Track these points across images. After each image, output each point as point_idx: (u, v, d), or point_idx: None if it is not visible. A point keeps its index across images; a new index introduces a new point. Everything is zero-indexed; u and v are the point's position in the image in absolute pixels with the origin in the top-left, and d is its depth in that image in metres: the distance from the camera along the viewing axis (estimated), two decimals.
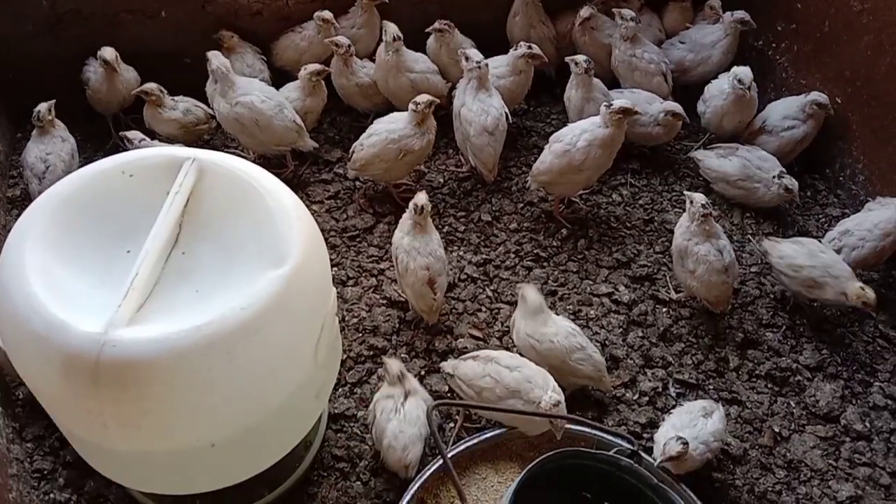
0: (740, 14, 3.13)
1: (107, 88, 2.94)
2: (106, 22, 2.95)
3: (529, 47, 2.98)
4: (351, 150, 2.84)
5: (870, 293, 2.40)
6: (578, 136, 2.67)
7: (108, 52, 2.88)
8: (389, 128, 2.77)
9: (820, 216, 3.04)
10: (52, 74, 2.97)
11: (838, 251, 2.63)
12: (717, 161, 2.96)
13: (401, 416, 2.09)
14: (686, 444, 1.96)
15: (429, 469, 2.06)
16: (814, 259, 2.51)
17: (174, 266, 1.62)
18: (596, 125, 2.67)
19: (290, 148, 2.90)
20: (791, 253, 2.55)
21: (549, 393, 2.00)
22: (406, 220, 2.44)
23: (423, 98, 2.73)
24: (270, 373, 1.56)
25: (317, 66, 2.93)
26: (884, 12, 2.73)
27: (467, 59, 2.84)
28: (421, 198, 2.40)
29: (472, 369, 2.20)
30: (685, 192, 2.55)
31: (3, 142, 2.97)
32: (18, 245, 1.54)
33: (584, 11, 3.19)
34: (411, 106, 2.73)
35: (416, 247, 2.40)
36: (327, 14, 3.07)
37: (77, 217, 1.63)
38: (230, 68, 2.78)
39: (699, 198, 2.47)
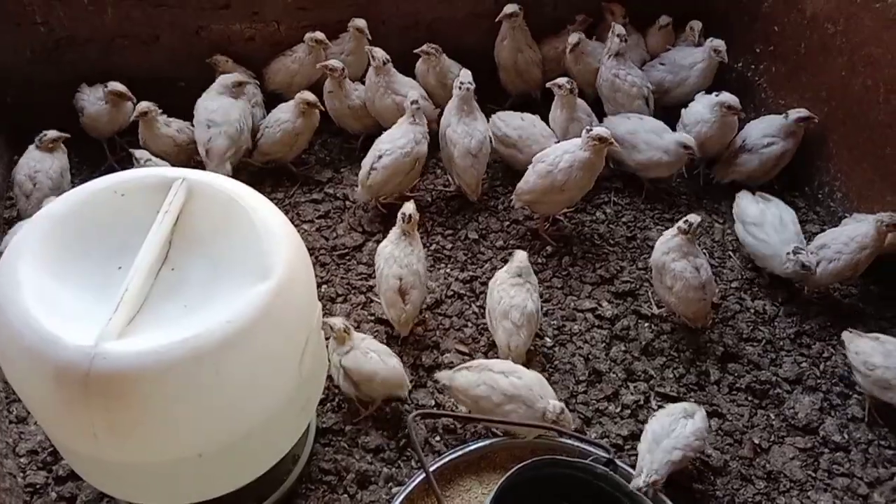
0: (717, 42, 3.21)
1: (106, 115, 3.02)
2: (101, 48, 3.04)
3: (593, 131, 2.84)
4: (362, 178, 2.91)
5: None
6: (560, 156, 2.75)
7: (117, 85, 2.96)
8: (397, 143, 2.87)
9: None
10: (49, 98, 3.05)
11: (816, 264, 2.69)
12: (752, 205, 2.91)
13: (373, 356, 2.27)
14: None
15: (413, 481, 2.11)
16: (890, 360, 2.35)
17: (164, 282, 1.68)
18: (577, 147, 2.74)
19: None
20: (868, 350, 2.41)
21: (552, 402, 2.07)
22: (395, 229, 2.52)
23: (413, 95, 2.88)
24: (256, 385, 1.62)
25: (310, 97, 2.98)
26: (856, 34, 2.82)
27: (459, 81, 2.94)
28: (408, 207, 2.49)
29: (468, 379, 2.25)
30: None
31: (1, 165, 3.03)
32: (13, 262, 1.61)
33: (573, 38, 3.24)
34: (406, 105, 2.87)
35: (395, 256, 2.48)
36: (319, 35, 3.15)
37: (70, 235, 1.69)
38: None
39: (693, 217, 2.53)
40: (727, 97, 3.01)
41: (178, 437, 1.57)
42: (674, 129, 3.11)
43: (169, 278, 1.69)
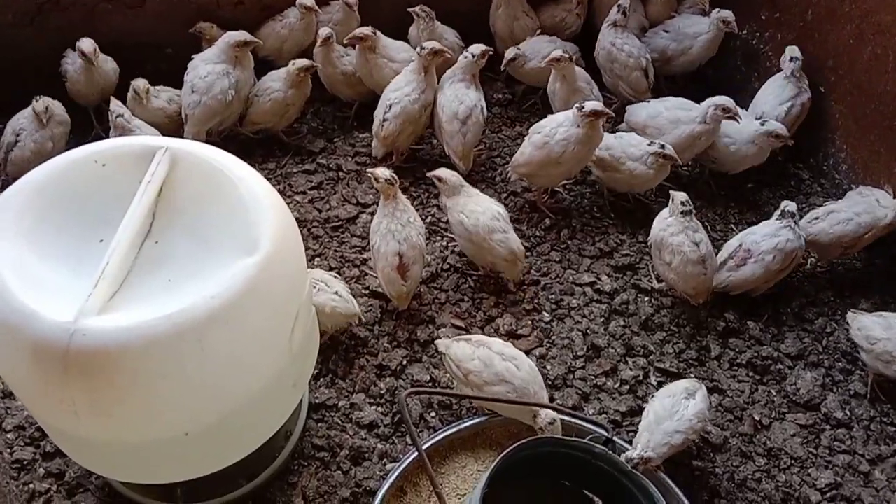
0: (726, 13, 3.10)
1: (85, 80, 2.93)
2: (86, 12, 2.93)
3: (662, 146, 2.72)
4: (376, 131, 2.88)
5: None
6: (556, 128, 2.67)
7: (87, 45, 2.85)
8: (404, 91, 2.84)
9: (804, 205, 3.03)
10: (34, 65, 2.96)
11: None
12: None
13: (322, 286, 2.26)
14: None
15: (408, 457, 2.07)
16: (891, 331, 2.34)
17: (147, 255, 1.62)
18: (571, 122, 2.66)
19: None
20: (869, 324, 2.39)
21: (544, 412, 2.01)
22: (382, 201, 2.44)
23: (430, 44, 2.80)
24: (243, 362, 1.56)
25: (306, 62, 2.90)
26: (865, 1, 2.73)
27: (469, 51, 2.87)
28: (382, 172, 2.41)
29: (463, 350, 2.19)
30: (670, 192, 2.55)
31: None
32: None
33: (509, 53, 3.09)
34: (418, 51, 2.81)
35: (392, 230, 2.40)
36: (309, 1, 3.05)
37: (49, 206, 1.62)
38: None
39: (680, 195, 2.48)
40: (773, 125, 2.82)
41: (162, 416, 1.52)
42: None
43: (152, 252, 1.63)
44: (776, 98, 2.97)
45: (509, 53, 3.11)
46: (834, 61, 2.92)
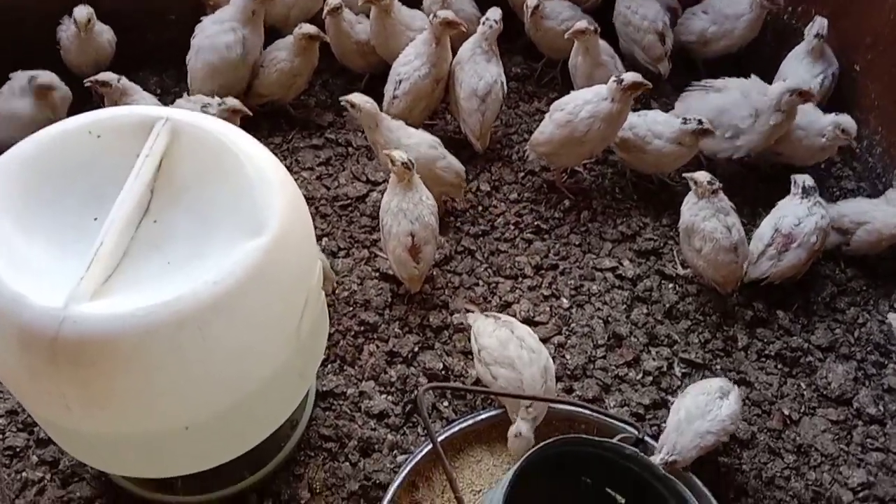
0: None
1: (76, 49, 2.79)
2: None
3: (700, 122, 2.56)
4: (386, 107, 2.73)
5: None
6: (581, 106, 2.52)
7: (81, 12, 2.71)
8: (414, 65, 2.70)
9: (834, 189, 2.89)
10: (32, 32, 2.81)
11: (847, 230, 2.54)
12: None
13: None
14: None
15: (420, 451, 1.97)
16: None
17: (145, 235, 1.50)
18: (601, 97, 2.51)
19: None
20: None
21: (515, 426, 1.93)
22: (393, 179, 2.31)
23: (444, 13, 2.64)
24: (248, 351, 1.45)
25: (311, 29, 2.75)
26: None
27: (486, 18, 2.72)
28: (398, 154, 2.27)
29: (486, 326, 2.12)
30: (685, 175, 2.42)
31: None
32: None
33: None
34: (430, 20, 2.65)
35: (403, 209, 2.27)
36: None
37: (39, 181, 1.50)
38: None
39: (702, 175, 2.35)
40: (843, 120, 2.65)
41: (160, 408, 1.41)
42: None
43: (150, 231, 1.51)
44: (808, 73, 2.82)
45: (531, 1, 2.93)
46: (872, 38, 2.76)
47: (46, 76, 2.63)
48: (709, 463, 2.12)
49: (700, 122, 2.56)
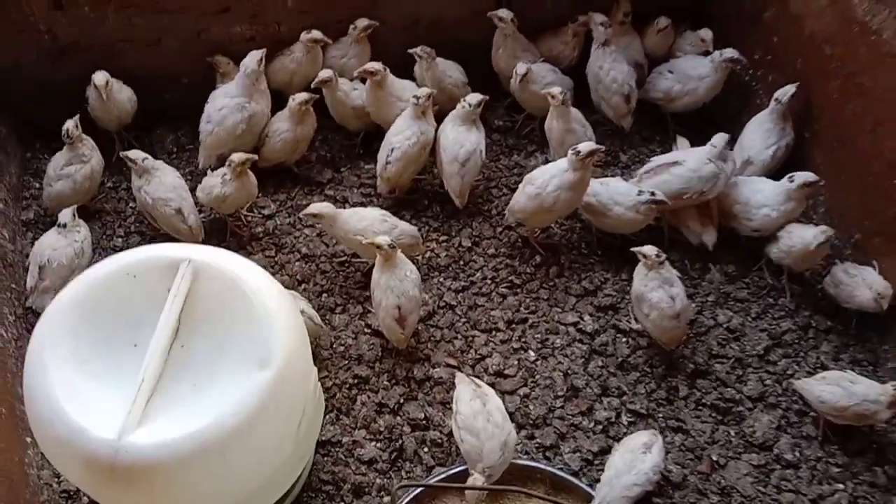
0: (730, 53, 3.19)
1: (100, 108, 3.12)
2: (104, 51, 3.09)
3: (653, 193, 2.90)
4: (381, 172, 3.10)
5: None
6: (548, 180, 2.86)
7: (99, 78, 3.02)
8: (404, 135, 3.04)
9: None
10: (59, 97, 3.13)
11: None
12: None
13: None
14: None
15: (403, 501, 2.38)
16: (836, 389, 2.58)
17: (174, 359, 1.87)
18: (563, 169, 2.84)
19: None
20: (815, 390, 2.62)
21: (476, 474, 2.29)
22: (379, 260, 2.67)
23: (423, 91, 3.00)
24: (259, 462, 1.85)
25: (304, 95, 3.07)
26: (851, 62, 2.83)
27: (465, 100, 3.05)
28: (382, 239, 2.62)
29: (466, 392, 2.48)
30: (632, 249, 2.74)
31: (14, 163, 3.15)
32: (39, 352, 1.80)
33: (521, 68, 3.18)
34: (412, 100, 2.99)
35: (391, 286, 2.64)
36: (316, 34, 3.18)
37: (89, 318, 1.87)
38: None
39: (650, 249, 2.68)
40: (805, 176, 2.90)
41: None
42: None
43: (179, 356, 1.88)
44: (763, 142, 3.12)
45: (521, 69, 3.21)
46: (818, 112, 3.04)
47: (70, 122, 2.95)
48: (644, 502, 2.54)
49: (653, 193, 2.88)
